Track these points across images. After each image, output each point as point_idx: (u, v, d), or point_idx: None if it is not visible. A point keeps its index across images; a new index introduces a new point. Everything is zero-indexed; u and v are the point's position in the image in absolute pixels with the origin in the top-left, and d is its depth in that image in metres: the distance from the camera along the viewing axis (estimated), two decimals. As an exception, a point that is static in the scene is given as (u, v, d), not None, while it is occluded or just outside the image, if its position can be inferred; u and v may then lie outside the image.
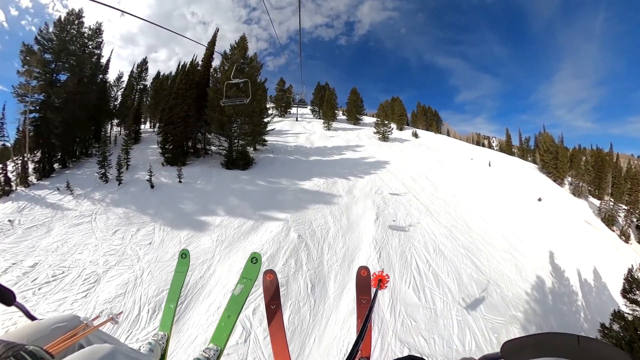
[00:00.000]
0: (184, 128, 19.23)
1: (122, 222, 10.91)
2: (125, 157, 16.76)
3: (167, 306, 2.24)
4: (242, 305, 2.00)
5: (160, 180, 15.23)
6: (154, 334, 2.07)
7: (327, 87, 47.10)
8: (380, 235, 10.89)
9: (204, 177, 16.51)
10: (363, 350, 1.87)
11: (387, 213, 13.24)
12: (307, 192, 15.21)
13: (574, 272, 12.38)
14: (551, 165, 35.41)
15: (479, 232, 13.13)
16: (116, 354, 1.04)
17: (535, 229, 15.59)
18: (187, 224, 11.08)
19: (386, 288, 2.23)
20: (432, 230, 12.36)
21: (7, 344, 0.86)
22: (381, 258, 9.62)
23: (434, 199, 16.80)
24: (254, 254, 2.17)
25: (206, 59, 22.51)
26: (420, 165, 24.08)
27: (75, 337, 1.24)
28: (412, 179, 20.03)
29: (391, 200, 15.17)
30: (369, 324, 1.63)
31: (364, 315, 1.65)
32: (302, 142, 28.07)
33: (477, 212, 15.74)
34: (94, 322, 1.44)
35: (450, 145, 39.48)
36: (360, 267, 2.26)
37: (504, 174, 27.70)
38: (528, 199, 21.32)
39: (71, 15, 18.47)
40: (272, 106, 46.15)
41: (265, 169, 19.15)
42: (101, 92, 21.18)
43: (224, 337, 1.87)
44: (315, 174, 17.93)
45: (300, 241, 10.15)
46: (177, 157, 18.14)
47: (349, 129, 38.14)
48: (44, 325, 1.23)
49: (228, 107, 17.93)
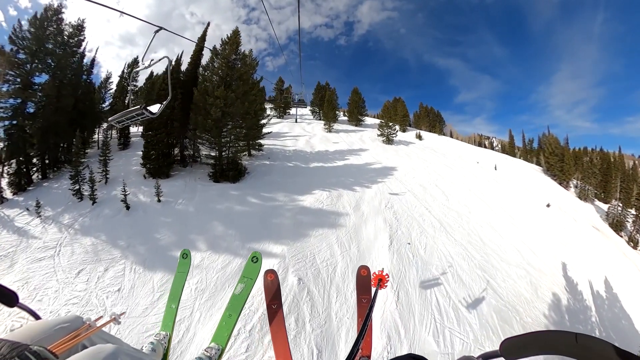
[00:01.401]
0: (167, 135, 17.26)
1: (88, 257, 9.15)
2: (103, 169, 14.90)
3: (168, 306, 2.22)
4: (243, 304, 1.97)
5: (138, 198, 13.33)
6: (156, 333, 2.03)
7: (327, 87, 45.53)
8: (396, 267, 9.41)
9: (186, 193, 14.44)
10: (364, 349, 1.83)
11: (400, 233, 11.82)
12: (308, 211, 13.17)
13: (586, 284, 12.02)
14: (557, 167, 34.72)
15: (493, 247, 12.50)
16: (119, 354, 1.05)
17: (546, 239, 15.10)
18: (162, 263, 9.03)
19: (386, 287, 2.15)
20: (448, 251, 11.41)
21: (11, 344, 0.86)
22: (399, 300, 8.14)
23: (446, 210, 15.92)
24: (255, 253, 2.14)
25: (195, 56, 20.49)
26: (429, 172, 22.75)
27: (79, 337, 1.25)
28: (422, 188, 18.77)
29: (403, 215, 13.80)
30: (370, 323, 1.58)
31: (365, 315, 1.65)
32: (301, 146, 26.55)
33: (489, 223, 15.24)
34: (96, 322, 1.44)
35: (455, 147, 38.40)
36: (360, 266, 2.24)
37: (510, 178, 27.15)
38: (536, 205, 20.89)
39: (49, 11, 16.78)
40: (271, 107, 44.58)
41: (259, 180, 17.23)
42: (85, 94, 19.49)
43: (225, 336, 1.85)
44: (317, 184, 16.25)
45: (302, 287, 8.16)
46: (160, 169, 16.24)
47: (350, 130, 36.65)
48: (48, 326, 1.24)
49: (215, 109, 16.01)
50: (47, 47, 16.48)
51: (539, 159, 42.31)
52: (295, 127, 36.27)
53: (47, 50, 16.41)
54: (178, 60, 20.65)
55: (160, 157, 16.50)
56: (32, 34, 15.82)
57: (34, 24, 16.08)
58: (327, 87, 45.28)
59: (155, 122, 16.14)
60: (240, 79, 18.19)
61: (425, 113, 49.44)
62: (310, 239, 10.76)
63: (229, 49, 18.21)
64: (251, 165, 19.62)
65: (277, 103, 42.68)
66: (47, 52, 16.47)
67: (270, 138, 26.57)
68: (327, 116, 35.53)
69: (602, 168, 35.30)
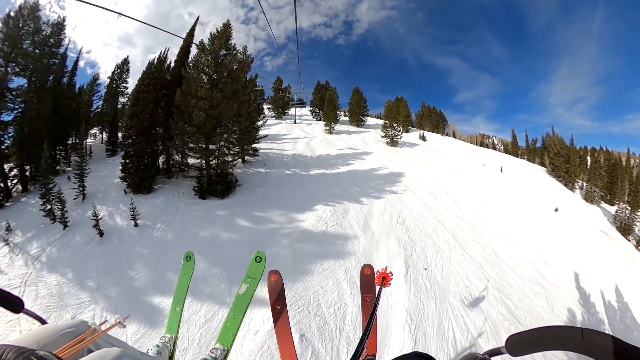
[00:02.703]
0: (147, 144, 15.22)
1: (53, 303, 7.63)
2: (80, 184, 13.05)
3: (173, 309, 2.18)
4: (247, 304, 1.95)
5: (114, 221, 11.69)
6: (161, 336, 2.00)
7: (327, 86, 44.05)
8: (414, 303, 8.10)
9: (167, 214, 12.60)
10: (369, 347, 1.82)
11: (415, 257, 10.59)
12: (310, 236, 11.24)
13: (598, 294, 11.72)
14: (562, 169, 33.90)
15: (507, 261, 11.94)
16: (124, 357, 1.05)
17: (557, 248, 14.68)
18: (137, 311, 7.46)
19: (390, 285, 2.10)
20: (465, 272, 10.52)
21: (18, 349, 0.86)
22: (417, 343, 6.88)
23: (458, 221, 14.98)
24: (258, 252, 2.09)
25: (182, 53, 18.39)
26: (437, 177, 21.57)
27: (84, 341, 1.26)
28: (432, 196, 17.64)
29: (416, 232, 12.59)
30: (374, 321, 1.53)
31: (369, 313, 1.67)
32: (301, 150, 25.21)
33: (501, 233, 14.64)
34: (101, 326, 1.46)
35: (459, 149, 37.42)
36: (364, 265, 2.22)
37: (516, 181, 26.49)
38: (545, 210, 20.43)
39: (24, 9, 15.31)
40: (269, 107, 43.11)
41: (252, 194, 15.32)
42: (68, 98, 18.08)
43: (231, 337, 1.84)
44: (319, 197, 14.71)
45: (305, 346, 6.56)
46: (141, 183, 14.33)
47: (352, 131, 35.32)
48: (54, 331, 1.24)
49: (199, 112, 14.03)
50: (22, 47, 15.03)
51: (542, 160, 41.69)
52: (295, 128, 34.90)
53: (22, 52, 14.97)
54: (161, 57, 18.42)
55: (141, 169, 14.63)
56: (4, 33, 14.37)
57: (6, 22, 14.62)
58: (327, 87, 43.83)
59: (134, 130, 14.38)
60: (230, 77, 16.15)
61: (428, 113, 48.13)
62: (314, 276, 8.95)
63: (217, 43, 15.86)
64: (244, 174, 18.01)
65: (275, 103, 41.23)
66: (23, 54, 15.03)
67: (268, 141, 25.23)
68: (328, 117, 34.11)
69: (608, 169, 34.56)
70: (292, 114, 40.93)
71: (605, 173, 34.46)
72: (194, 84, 14.85)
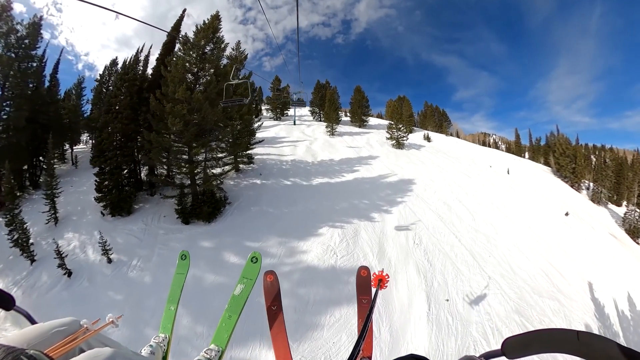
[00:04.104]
0: (123, 158, 13.18)
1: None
2: (51, 206, 11.31)
3: (167, 308, 2.14)
4: (242, 305, 1.91)
5: (85, 254, 10.09)
6: (155, 336, 1.93)
7: (327, 85, 42.46)
8: (434, 344, 6.97)
9: (145, 246, 10.85)
10: (365, 350, 1.78)
11: (437, 286, 9.37)
12: (316, 274, 9.37)
13: (612, 304, 11.40)
14: (568, 169, 32.85)
15: (523, 276, 11.41)
16: (117, 357, 1.03)
17: (570, 256, 14.18)
18: None
19: (386, 288, 2.03)
20: (485, 297, 9.78)
21: (7, 348, 0.82)
22: None
23: (474, 234, 14.14)
24: (254, 253, 2.02)
25: (164, 50, 16.11)
26: (448, 183, 20.32)
27: (76, 340, 1.23)
28: (446, 206, 16.46)
29: (434, 253, 11.40)
30: (370, 324, 1.53)
31: (365, 316, 1.66)
32: (301, 155, 23.76)
33: (515, 244, 13.83)
34: (94, 325, 1.41)
35: (465, 149, 36.24)
36: (360, 267, 2.13)
37: (524, 183, 25.52)
38: (554, 214, 19.72)
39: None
40: (267, 108, 41.53)
41: (244, 215, 13.24)
42: (47, 104, 16.52)
43: (225, 338, 1.79)
44: (324, 216, 12.96)
45: None
46: (119, 204, 12.44)
47: (355, 133, 33.89)
48: (44, 329, 1.20)
49: (173, 119, 11.93)
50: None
51: (547, 159, 40.66)
52: (294, 130, 33.43)
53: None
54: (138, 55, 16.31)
55: (118, 188, 12.71)
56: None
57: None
58: (327, 86, 42.26)
59: (106, 142, 12.45)
60: (216, 74, 13.80)
61: (431, 112, 46.71)
62: (323, 331, 7.30)
63: (202, 35, 13.45)
64: (237, 187, 16.15)
65: (274, 104, 39.64)
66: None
67: (265, 145, 23.75)
68: (329, 118, 32.62)
69: (615, 169, 33.62)
70: (292, 115, 39.41)
71: (613, 173, 33.56)
72: (172, 85, 12.61)
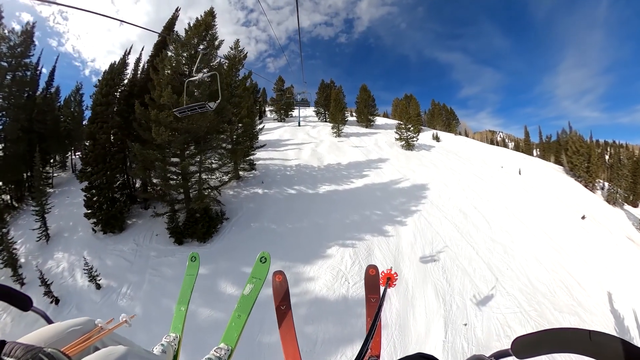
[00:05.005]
0: (111, 172, 12.25)
1: None
2: (40, 220, 10.64)
3: (177, 309, 2.24)
4: (252, 304, 1.95)
5: (74, 279, 9.31)
6: (166, 335, 2.00)
7: (332, 85, 41.25)
8: None
9: (135, 270, 10.03)
10: (373, 348, 1.80)
11: (455, 308, 8.47)
12: (325, 307, 8.30)
13: (632, 316, 10.83)
14: (581, 168, 30.80)
15: (542, 290, 10.70)
16: (130, 355, 1.06)
17: (589, 264, 13.33)
18: None
19: (395, 286, 2.07)
20: (504, 318, 8.97)
21: (26, 346, 0.86)
22: None
23: (491, 244, 13.19)
24: (263, 253, 2.10)
25: (155, 51, 14.99)
26: (462, 187, 19.04)
27: (91, 339, 1.26)
28: (462, 214, 15.28)
29: (452, 269, 10.53)
30: (379, 322, 1.55)
31: (373, 314, 1.66)
32: (306, 159, 22.67)
33: (533, 253, 12.92)
34: (108, 325, 1.46)
35: (474, 149, 34.78)
36: (368, 265, 2.17)
37: (537, 185, 24.09)
38: (571, 218, 18.57)
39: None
40: (271, 109, 40.60)
41: (243, 233, 12.21)
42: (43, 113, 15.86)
43: (235, 337, 1.83)
44: (332, 232, 11.85)
45: None
46: (109, 220, 11.63)
47: (362, 133, 32.66)
48: (61, 329, 1.25)
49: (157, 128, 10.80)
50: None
51: (558, 158, 38.47)
52: (299, 131, 32.40)
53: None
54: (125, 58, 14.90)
55: (108, 203, 11.89)
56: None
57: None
58: (332, 85, 41.05)
59: (91, 155, 11.48)
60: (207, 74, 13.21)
61: (439, 111, 45.01)
62: None
63: (193, 32, 12.33)
64: (237, 197, 15.08)
65: (278, 105, 38.65)
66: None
67: (268, 148, 22.78)
68: (335, 118, 31.43)
69: (632, 168, 31.49)
70: (296, 116, 38.36)
71: (629, 173, 31.48)
72: (159, 88, 11.51)
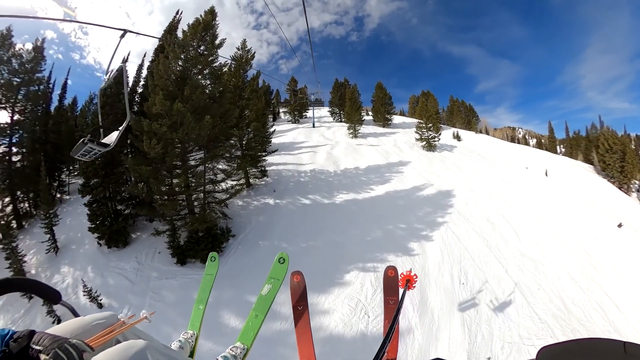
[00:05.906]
0: (112, 186, 11.97)
1: None
2: (49, 232, 10.69)
3: (196, 307, 2.29)
4: (269, 304, 1.98)
5: (77, 297, 9.08)
6: (184, 332, 2.08)
7: (346, 84, 40.08)
8: None
9: (136, 292, 9.74)
10: (389, 352, 1.73)
11: (479, 341, 7.80)
12: (339, 345, 7.46)
13: None
14: (615, 168, 27.57)
15: (578, 314, 9.64)
16: (149, 349, 1.10)
17: (626, 279, 11.92)
18: None
19: (414, 288, 2.05)
20: (535, 350, 6.78)
21: (53, 337, 0.94)
22: None
23: (520, 259, 12.09)
24: (282, 253, 2.11)
25: (156, 57, 14.54)
26: (489, 193, 17.65)
27: (113, 332, 1.32)
28: (489, 224, 14.18)
29: (481, 292, 9.37)
30: (397, 325, 1.50)
31: (392, 317, 1.65)
32: (322, 163, 21.82)
33: (566, 269, 11.81)
34: (130, 320, 1.52)
35: (497, 148, 32.65)
36: (387, 266, 2.14)
37: (566, 188, 22.00)
38: (606, 226, 16.66)
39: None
40: (285, 111, 40.10)
41: (250, 253, 11.38)
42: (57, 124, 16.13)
43: (251, 336, 1.86)
44: (351, 254, 10.82)
45: None
46: (112, 235, 11.42)
47: (380, 133, 31.43)
48: (86, 322, 1.31)
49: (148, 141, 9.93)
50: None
51: (588, 156, 34.79)
52: (313, 133, 31.63)
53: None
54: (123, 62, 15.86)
55: (111, 216, 11.68)
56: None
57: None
58: (346, 84, 39.88)
59: (90, 168, 11.25)
60: (213, 75, 11.97)
61: (458, 108, 42.68)
62: None
63: (190, 32, 11.55)
64: (246, 209, 14.32)
65: (291, 106, 38.05)
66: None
67: (282, 152, 22.09)
68: (351, 118, 30.35)
69: None
70: (310, 117, 37.60)
71: None
72: (153, 95, 10.70)
